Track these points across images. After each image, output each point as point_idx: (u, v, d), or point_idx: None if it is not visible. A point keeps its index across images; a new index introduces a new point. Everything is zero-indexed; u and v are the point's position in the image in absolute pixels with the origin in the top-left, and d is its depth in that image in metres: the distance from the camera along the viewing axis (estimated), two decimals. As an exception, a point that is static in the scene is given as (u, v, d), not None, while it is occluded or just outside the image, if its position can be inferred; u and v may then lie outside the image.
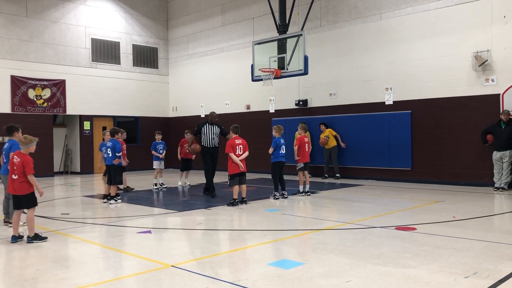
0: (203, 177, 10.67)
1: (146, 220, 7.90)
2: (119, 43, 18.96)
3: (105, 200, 9.74)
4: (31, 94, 16.42)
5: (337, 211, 8.81)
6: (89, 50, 18.05)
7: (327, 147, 14.09)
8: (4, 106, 15.84)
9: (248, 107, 17.21)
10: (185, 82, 19.91)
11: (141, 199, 10.39)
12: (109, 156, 9.66)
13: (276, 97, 16.25)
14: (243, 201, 9.20)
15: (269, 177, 11.39)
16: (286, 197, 10.03)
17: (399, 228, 6.69)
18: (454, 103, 12.09)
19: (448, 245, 5.61)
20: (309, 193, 10.47)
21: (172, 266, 4.90)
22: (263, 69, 12.74)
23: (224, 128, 10.72)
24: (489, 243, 5.71)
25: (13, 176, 6.16)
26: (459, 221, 7.23)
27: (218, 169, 10.83)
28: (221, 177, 12.28)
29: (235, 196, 9.12)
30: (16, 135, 7.20)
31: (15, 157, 6.17)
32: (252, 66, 13.28)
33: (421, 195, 10.38)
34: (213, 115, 10.72)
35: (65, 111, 17.31)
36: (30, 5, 16.60)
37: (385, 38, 13.44)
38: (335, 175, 14.09)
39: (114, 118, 18.86)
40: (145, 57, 19.92)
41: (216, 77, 18.41)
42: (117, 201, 9.67)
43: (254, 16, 16.95)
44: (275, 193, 9.97)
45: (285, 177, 10.40)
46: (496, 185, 10.85)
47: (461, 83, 11.98)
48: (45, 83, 16.73)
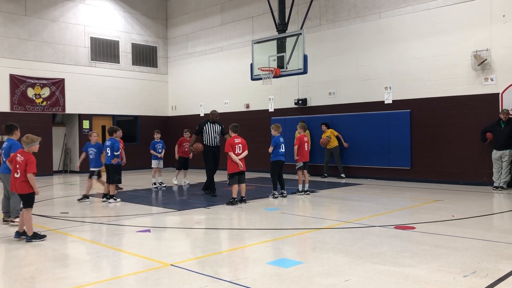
0: (203, 176, 10.67)
1: (145, 219, 7.90)
2: (118, 42, 18.95)
3: (104, 199, 9.76)
4: (30, 93, 16.40)
5: (336, 210, 8.82)
6: (88, 49, 18.03)
7: (328, 147, 14.07)
8: (3, 105, 15.82)
9: (248, 106, 17.21)
10: (184, 81, 19.90)
11: (140, 198, 10.39)
12: (108, 156, 9.66)
13: (275, 96, 16.24)
14: (242, 200, 9.20)
15: (268, 176, 11.38)
16: (286, 196, 10.04)
17: (398, 227, 6.69)
18: (453, 102, 12.09)
19: (447, 244, 5.61)
20: (308, 192, 10.47)
21: (171, 265, 4.90)
22: (262, 68, 12.73)
23: (224, 127, 10.71)
24: (488, 242, 5.72)
25: (15, 175, 6.20)
26: (458, 220, 7.23)
27: (218, 168, 10.81)
28: (220, 176, 12.27)
29: (235, 195, 9.12)
30: (16, 134, 7.31)
31: (18, 155, 6.21)
32: (252, 65, 13.26)
33: (420, 194, 10.39)
34: (214, 113, 10.69)
35: (64, 110, 17.30)
36: (29, 3, 16.57)
37: (384, 37, 13.43)
38: (340, 175, 14.03)
39: (113, 117, 18.85)
40: (144, 56, 19.90)
41: (215, 76, 18.40)
42: (116, 200, 9.68)
43: (253, 15, 16.94)
44: (274, 192, 9.97)
45: (285, 176, 10.40)
46: (495, 184, 10.86)
47: (460, 82, 11.98)
48: (44, 82, 16.71)
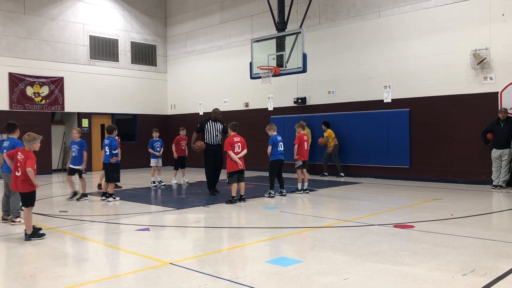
0: (202, 175, 10.64)
1: (144, 217, 7.90)
2: (117, 40, 18.93)
3: (103, 198, 9.76)
4: (29, 91, 16.38)
5: (335, 208, 8.82)
6: (87, 47, 18.01)
7: (328, 146, 14.06)
8: (2, 104, 15.81)
9: (247, 104, 17.20)
10: (183, 79, 19.89)
11: (139, 197, 10.39)
12: (106, 154, 9.64)
13: (274, 94, 16.24)
14: (241, 199, 9.20)
15: (268, 175, 11.36)
16: (285, 195, 10.03)
17: (397, 226, 6.70)
18: (453, 101, 12.09)
19: (446, 243, 5.62)
20: (307, 191, 10.47)
21: (170, 263, 4.90)
22: (261, 67, 12.72)
23: (226, 126, 10.68)
24: (487, 241, 5.73)
25: (16, 173, 6.20)
26: (457, 219, 7.24)
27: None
28: (220, 176, 12.25)
29: (234, 193, 9.12)
30: (17, 132, 7.35)
31: (19, 154, 6.21)
32: (251, 64, 13.25)
33: (419, 193, 10.39)
34: (216, 111, 10.61)
35: (63, 108, 17.29)
36: (28, 2, 16.54)
37: (383, 36, 13.43)
38: (339, 174, 14.05)
39: (112, 115, 18.84)
40: (144, 55, 19.88)
41: (214, 74, 18.39)
42: (115, 198, 9.68)
43: (252, 13, 16.93)
44: (271, 191, 9.93)
45: (284, 175, 10.40)
46: (494, 183, 10.87)
47: (460, 81, 11.99)
48: (43, 80, 16.69)
